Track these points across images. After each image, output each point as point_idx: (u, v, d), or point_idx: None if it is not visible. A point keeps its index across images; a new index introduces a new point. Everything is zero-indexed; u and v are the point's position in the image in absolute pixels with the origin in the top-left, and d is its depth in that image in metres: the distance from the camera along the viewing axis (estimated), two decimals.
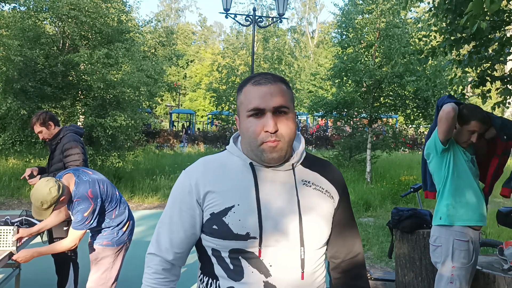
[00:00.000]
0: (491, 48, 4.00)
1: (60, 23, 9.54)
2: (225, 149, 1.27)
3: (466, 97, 4.30)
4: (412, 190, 4.19)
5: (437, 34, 4.10)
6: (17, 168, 10.47)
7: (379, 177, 11.22)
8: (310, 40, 49.78)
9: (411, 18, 11.30)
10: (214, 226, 1.15)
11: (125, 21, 10.77)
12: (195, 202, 1.19)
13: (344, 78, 11.19)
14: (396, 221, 3.57)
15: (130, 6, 12.71)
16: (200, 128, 31.01)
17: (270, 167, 1.18)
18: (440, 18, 3.68)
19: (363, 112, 11.74)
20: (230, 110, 20.80)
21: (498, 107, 4.32)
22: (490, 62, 3.94)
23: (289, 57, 25.80)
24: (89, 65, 8.94)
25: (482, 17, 2.68)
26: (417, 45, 8.51)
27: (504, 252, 3.06)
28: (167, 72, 22.51)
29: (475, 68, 4.02)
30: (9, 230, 2.96)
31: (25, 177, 3.68)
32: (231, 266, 1.15)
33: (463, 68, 4.00)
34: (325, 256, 1.26)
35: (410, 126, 12.07)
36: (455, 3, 3.25)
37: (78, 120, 9.47)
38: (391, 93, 11.21)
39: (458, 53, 4.07)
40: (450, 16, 3.44)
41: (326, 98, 12.66)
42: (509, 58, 4.09)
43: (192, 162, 1.29)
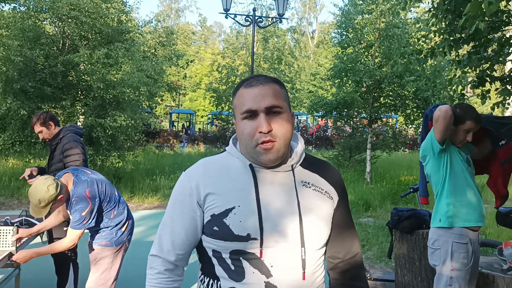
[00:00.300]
0: (490, 49, 4.00)
1: (60, 23, 9.55)
2: (225, 151, 1.28)
3: (465, 98, 4.30)
4: (411, 190, 4.19)
5: (436, 34, 4.11)
6: (17, 168, 10.47)
7: (379, 177, 11.22)
8: (310, 40, 49.80)
9: (411, 18, 11.31)
10: (215, 228, 1.15)
11: (125, 21, 10.77)
12: (196, 204, 1.19)
13: (344, 78, 11.19)
14: (396, 221, 3.58)
15: (130, 6, 12.73)
16: (200, 128, 31.01)
17: (269, 168, 1.19)
18: (439, 18, 3.69)
19: (363, 112, 11.75)
20: (230, 110, 20.83)
21: (498, 108, 4.32)
22: (490, 63, 3.95)
23: (289, 57, 25.81)
24: (89, 65, 8.94)
25: (481, 18, 2.69)
26: (417, 45, 8.51)
27: (504, 253, 3.07)
28: (167, 72, 22.52)
29: (474, 69, 4.02)
30: (9, 230, 2.97)
31: (25, 177, 3.68)
32: (232, 267, 1.15)
33: (463, 68, 4.01)
34: (324, 257, 1.27)
35: (410, 126, 12.07)
36: (454, 3, 3.26)
37: (78, 120, 9.47)
38: (391, 93, 11.22)
39: (457, 53, 4.08)
40: (449, 17, 3.44)
41: (326, 98, 12.66)
42: (508, 58, 4.10)
43: (192, 162, 1.30)
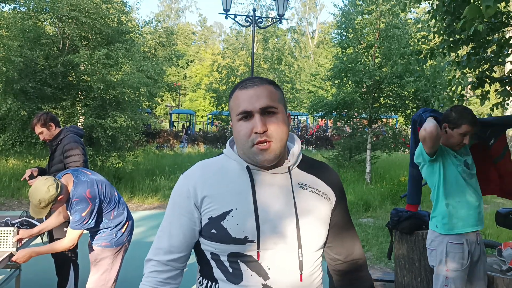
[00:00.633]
0: (489, 50, 4.01)
1: (60, 24, 9.55)
2: (223, 153, 1.28)
3: (465, 98, 4.31)
4: None
5: (436, 35, 4.12)
6: (17, 168, 10.48)
7: (379, 177, 11.23)
8: (310, 40, 49.82)
9: (411, 19, 11.32)
10: (213, 230, 1.16)
11: (125, 21, 10.77)
12: (193, 206, 1.20)
13: (344, 79, 11.21)
14: (395, 222, 3.58)
15: (130, 7, 12.73)
16: (200, 129, 31.01)
17: (266, 170, 1.19)
18: (439, 20, 3.70)
19: (363, 112, 11.75)
20: None
21: (497, 108, 4.33)
22: (489, 64, 3.95)
23: (289, 57, 25.81)
24: (89, 65, 8.95)
25: (479, 20, 2.69)
26: (416, 46, 8.52)
27: (503, 253, 3.08)
28: (167, 73, 22.52)
29: (473, 70, 4.03)
30: (10, 231, 2.98)
31: (25, 178, 3.69)
32: (230, 269, 1.16)
33: (462, 69, 4.01)
34: (322, 258, 1.27)
35: (410, 126, 12.08)
36: (453, 5, 3.26)
37: (78, 120, 9.48)
38: (391, 93, 11.23)
39: (456, 54, 4.08)
40: (448, 18, 3.45)
41: (326, 98, 12.68)
42: (507, 59, 4.11)
43: (192, 163, 1.30)
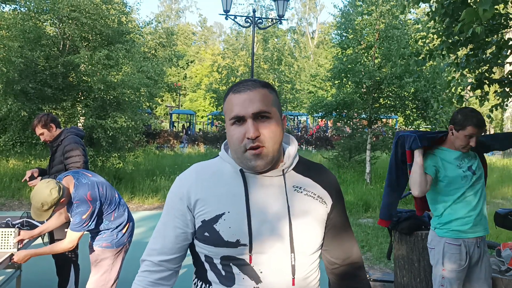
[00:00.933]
0: (488, 51, 4.02)
1: (60, 25, 9.55)
2: (218, 155, 1.28)
3: (464, 99, 4.32)
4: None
5: (435, 36, 4.13)
6: (17, 169, 10.49)
7: (379, 178, 11.24)
8: (310, 41, 49.83)
9: (411, 19, 11.33)
10: (206, 233, 1.16)
11: (125, 22, 10.78)
12: (186, 208, 1.20)
13: (344, 79, 11.21)
14: (395, 222, 3.59)
15: (130, 8, 12.74)
16: (200, 129, 31.01)
17: (260, 173, 1.18)
18: (437, 21, 3.71)
19: (363, 113, 11.76)
20: None
21: (496, 109, 4.34)
22: (488, 65, 3.96)
23: (289, 57, 25.82)
24: (90, 66, 8.96)
25: (478, 22, 2.70)
26: (416, 47, 8.53)
27: (502, 254, 3.09)
28: (167, 73, 22.51)
29: (472, 71, 4.04)
30: (11, 232, 2.99)
31: (26, 179, 3.71)
32: (223, 272, 1.16)
33: (461, 70, 4.02)
34: (319, 260, 1.26)
35: (410, 127, 12.09)
36: (452, 7, 3.27)
37: (78, 121, 9.49)
38: (390, 94, 11.23)
39: (456, 55, 4.09)
40: (447, 20, 3.46)
41: (326, 99, 12.69)
42: (506, 61, 4.12)
43: (192, 163, 1.31)
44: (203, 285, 1.21)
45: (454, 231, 2.54)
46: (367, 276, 4.16)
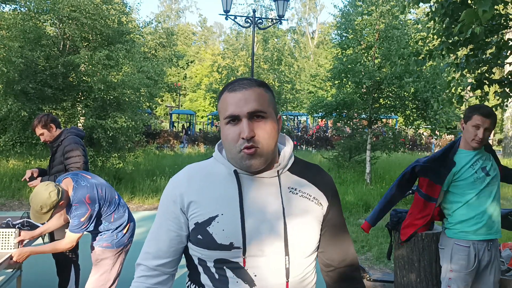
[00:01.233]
0: (488, 52, 4.02)
1: (60, 25, 9.56)
2: (212, 156, 1.26)
3: (464, 100, 4.32)
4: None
5: (435, 36, 4.13)
6: (17, 169, 10.50)
7: (379, 178, 11.25)
8: (310, 41, 49.86)
9: (411, 19, 11.33)
10: (199, 236, 1.14)
11: (125, 22, 10.80)
12: (179, 211, 1.18)
13: (344, 80, 11.22)
14: (395, 222, 3.60)
15: (130, 8, 12.74)
16: (200, 129, 31.01)
17: (254, 174, 1.16)
18: (437, 21, 3.71)
19: (363, 113, 11.77)
20: None
21: (496, 110, 4.33)
22: (488, 66, 3.96)
23: (288, 57, 25.81)
24: (90, 66, 8.98)
25: (477, 22, 2.71)
26: (415, 47, 8.54)
27: (502, 254, 3.10)
28: (167, 73, 22.53)
29: (472, 71, 4.04)
30: (11, 232, 3.00)
31: (26, 179, 3.71)
32: (216, 275, 1.14)
33: (461, 71, 4.02)
34: (315, 263, 1.24)
35: (410, 127, 12.10)
36: (452, 8, 3.28)
37: (78, 121, 9.50)
38: (390, 94, 11.24)
39: (456, 56, 4.10)
40: (447, 20, 3.46)
41: (326, 99, 12.69)
42: (506, 61, 4.12)
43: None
44: None
45: (463, 233, 2.51)
46: (368, 276, 4.18)
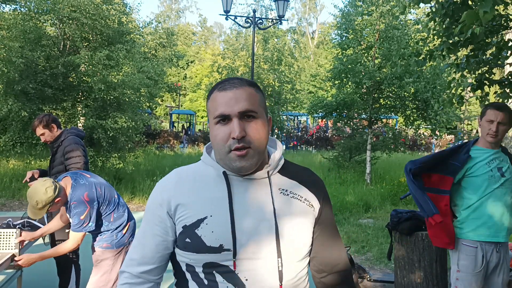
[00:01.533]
0: (488, 52, 4.02)
1: (61, 25, 9.57)
2: (200, 160, 1.23)
3: (464, 100, 4.32)
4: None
5: (435, 37, 4.13)
6: (17, 169, 10.50)
7: (379, 178, 11.26)
8: (310, 41, 49.87)
9: (411, 19, 11.34)
10: (187, 239, 1.10)
11: (125, 22, 10.81)
12: (166, 214, 1.14)
13: (344, 80, 11.23)
14: (395, 223, 3.60)
15: (130, 8, 12.76)
16: (200, 129, 31.00)
17: (244, 176, 1.13)
18: (438, 22, 3.72)
19: (363, 113, 11.77)
20: None
21: None
22: (488, 66, 3.97)
23: (289, 57, 25.82)
24: (90, 66, 8.98)
25: (478, 23, 2.71)
26: (416, 47, 8.54)
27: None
28: (167, 73, 22.54)
29: (473, 72, 4.04)
30: (12, 232, 3.00)
31: (26, 180, 3.71)
32: (205, 281, 1.10)
33: (461, 71, 4.03)
34: (307, 269, 1.21)
35: (410, 127, 12.10)
36: (452, 8, 3.28)
37: (78, 121, 9.51)
38: (390, 94, 11.25)
39: (456, 56, 4.10)
40: (447, 21, 3.47)
41: (326, 99, 12.70)
42: (506, 61, 4.12)
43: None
44: None
45: (471, 233, 2.50)
46: (368, 276, 4.18)
